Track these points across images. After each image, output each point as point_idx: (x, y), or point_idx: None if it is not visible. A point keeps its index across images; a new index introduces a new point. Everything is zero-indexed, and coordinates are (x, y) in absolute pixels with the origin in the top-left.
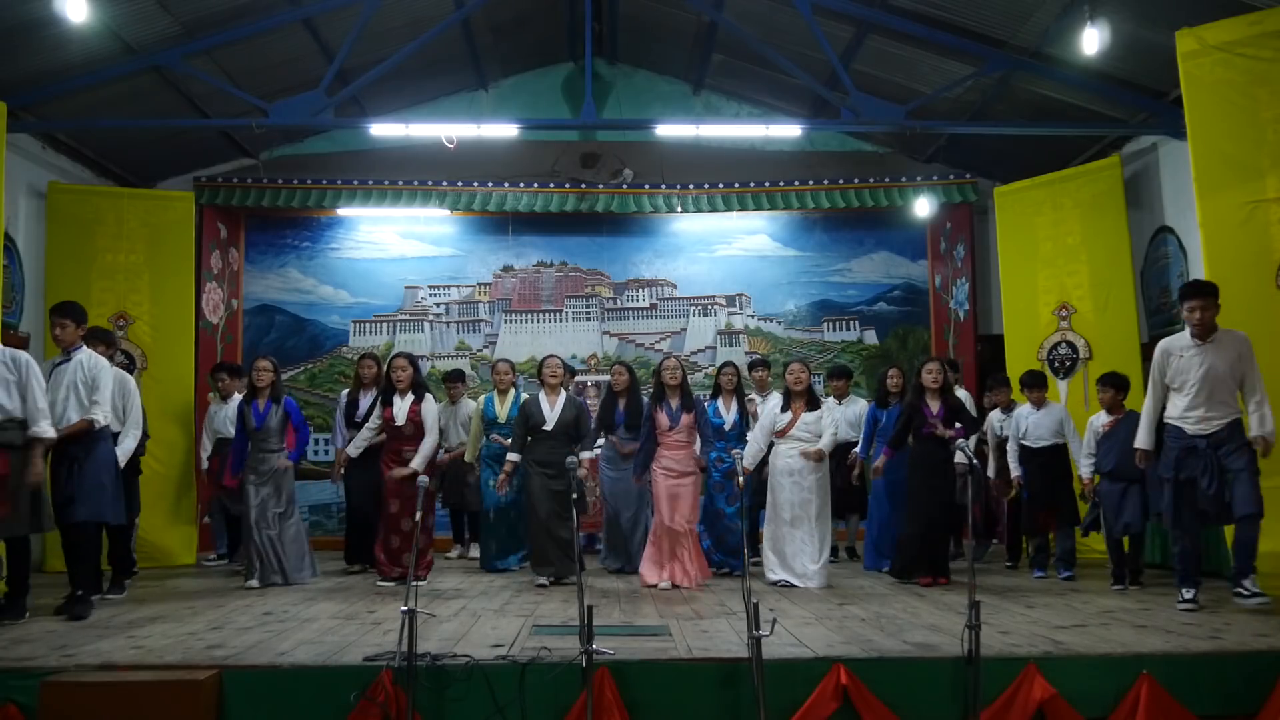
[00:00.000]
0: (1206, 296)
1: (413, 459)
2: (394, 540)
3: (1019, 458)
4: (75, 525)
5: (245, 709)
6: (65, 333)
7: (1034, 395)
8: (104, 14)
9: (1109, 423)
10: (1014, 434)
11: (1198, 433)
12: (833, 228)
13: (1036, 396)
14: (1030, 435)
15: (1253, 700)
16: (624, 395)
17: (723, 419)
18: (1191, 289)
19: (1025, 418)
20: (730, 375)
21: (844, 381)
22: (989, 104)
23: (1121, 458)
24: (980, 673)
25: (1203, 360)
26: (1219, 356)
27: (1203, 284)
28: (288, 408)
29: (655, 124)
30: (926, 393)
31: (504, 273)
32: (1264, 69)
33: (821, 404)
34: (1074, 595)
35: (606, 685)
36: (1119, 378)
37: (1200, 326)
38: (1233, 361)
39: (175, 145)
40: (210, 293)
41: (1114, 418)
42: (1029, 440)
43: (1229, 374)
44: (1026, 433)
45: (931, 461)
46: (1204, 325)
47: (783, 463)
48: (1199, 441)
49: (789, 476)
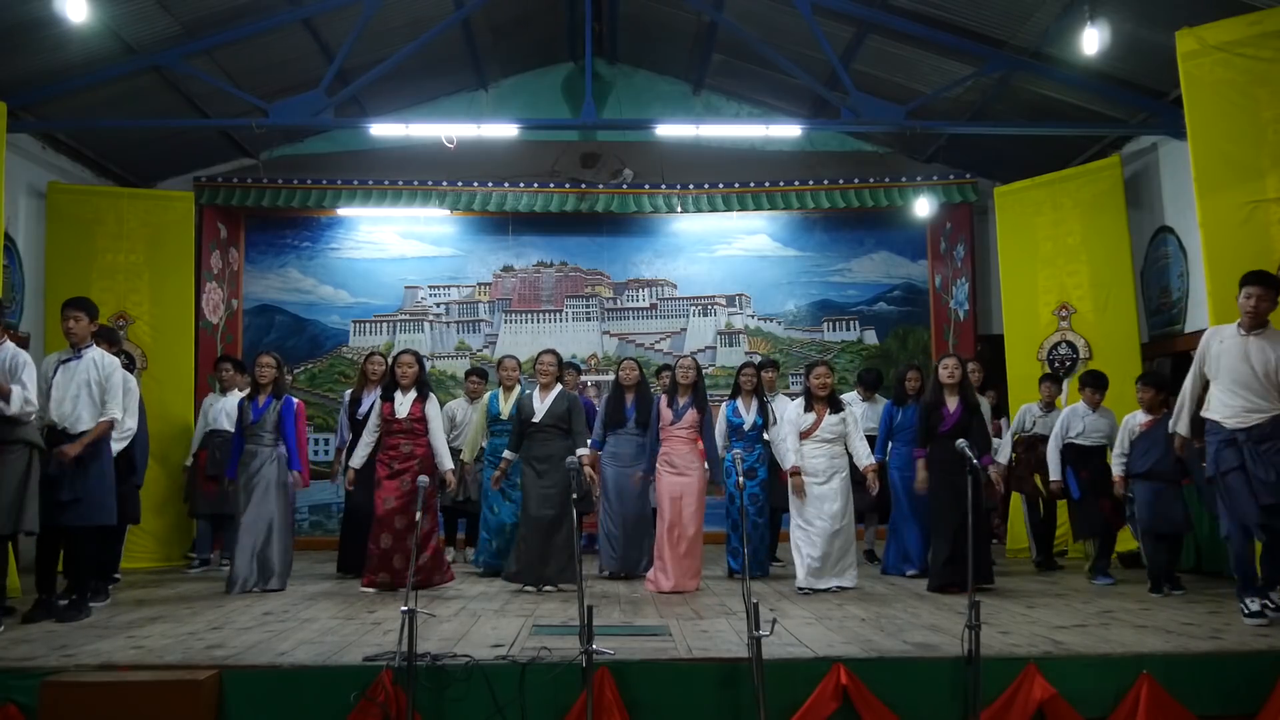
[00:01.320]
0: (1266, 286)
1: (411, 452)
2: (384, 540)
3: (1068, 457)
4: (77, 527)
5: (245, 709)
6: (79, 326)
7: (1094, 396)
8: (104, 14)
9: (1147, 422)
10: (1060, 433)
11: (1236, 426)
12: (833, 228)
13: (1096, 398)
14: (1086, 435)
15: (1253, 700)
16: (633, 390)
17: (742, 419)
18: (1253, 276)
19: (1082, 418)
20: (750, 376)
21: (873, 391)
22: (989, 104)
23: (1159, 458)
24: (980, 673)
25: (1243, 351)
26: (1262, 350)
27: (1267, 274)
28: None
29: (655, 124)
30: (945, 390)
31: (504, 273)
32: (1264, 69)
33: (843, 406)
34: (1074, 595)
35: (606, 685)
36: (1161, 377)
37: (1252, 316)
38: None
39: (175, 145)
40: (210, 293)
41: (1153, 418)
42: (1085, 439)
43: (1270, 369)
44: (1083, 432)
45: (951, 460)
46: (1257, 315)
47: (805, 464)
48: (1238, 435)
49: (811, 478)
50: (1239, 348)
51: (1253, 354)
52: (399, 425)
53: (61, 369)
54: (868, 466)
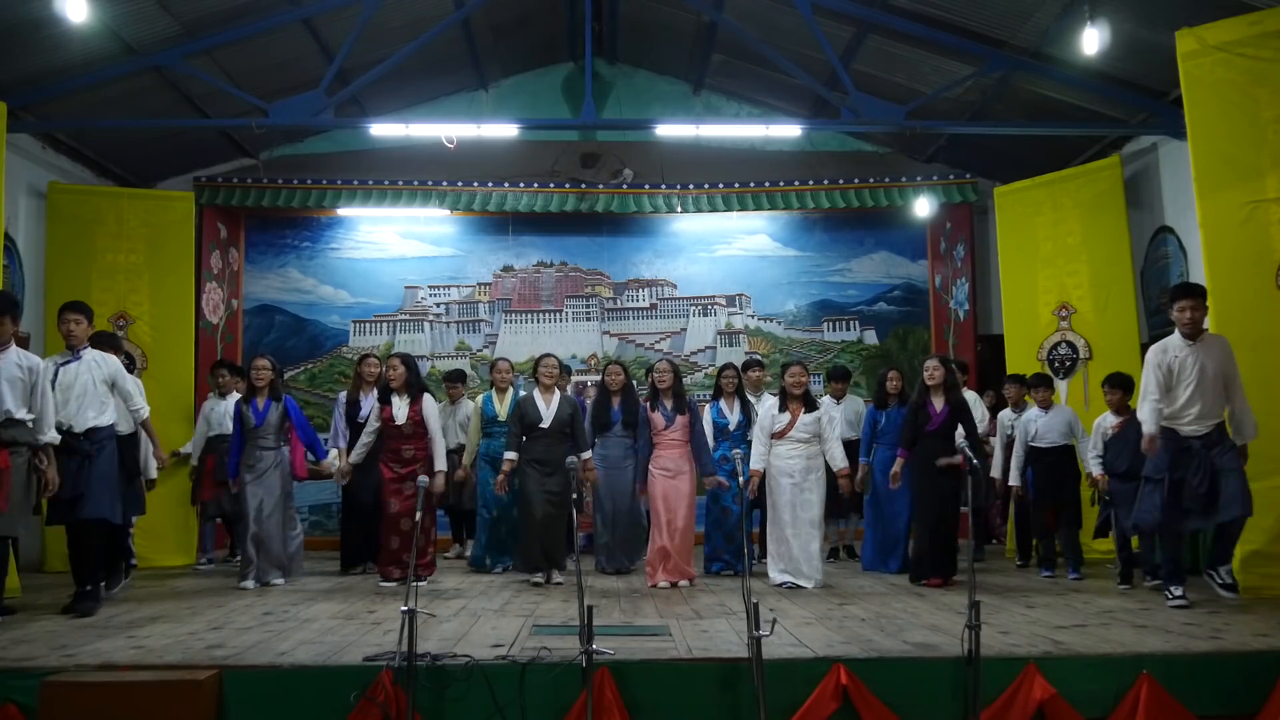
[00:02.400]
0: (1197, 297)
1: (413, 456)
2: (394, 541)
3: (1026, 459)
4: (84, 522)
5: (245, 709)
6: (78, 328)
7: (1040, 395)
8: (104, 14)
9: (1118, 424)
10: (1021, 437)
11: (1192, 433)
12: (833, 228)
13: (1043, 397)
14: (1040, 436)
15: (1253, 700)
16: (619, 394)
17: (726, 419)
18: (1182, 290)
19: (1034, 420)
20: (730, 377)
21: (844, 384)
22: (989, 104)
23: (1134, 458)
24: (980, 673)
25: (1196, 360)
26: (1209, 357)
27: (1193, 285)
28: (287, 406)
29: (655, 124)
30: (930, 390)
31: (504, 273)
32: (1264, 69)
33: (818, 405)
34: (1074, 595)
35: (606, 685)
36: (1125, 378)
37: (1190, 326)
38: (1221, 362)
39: (175, 145)
40: (210, 293)
41: (1122, 418)
42: (1038, 441)
43: (1218, 374)
44: (1036, 434)
45: (935, 459)
46: (1194, 325)
47: (780, 464)
48: (1193, 442)
49: (788, 478)
50: (1192, 357)
51: (1205, 360)
52: (400, 430)
53: (61, 371)
54: (841, 470)
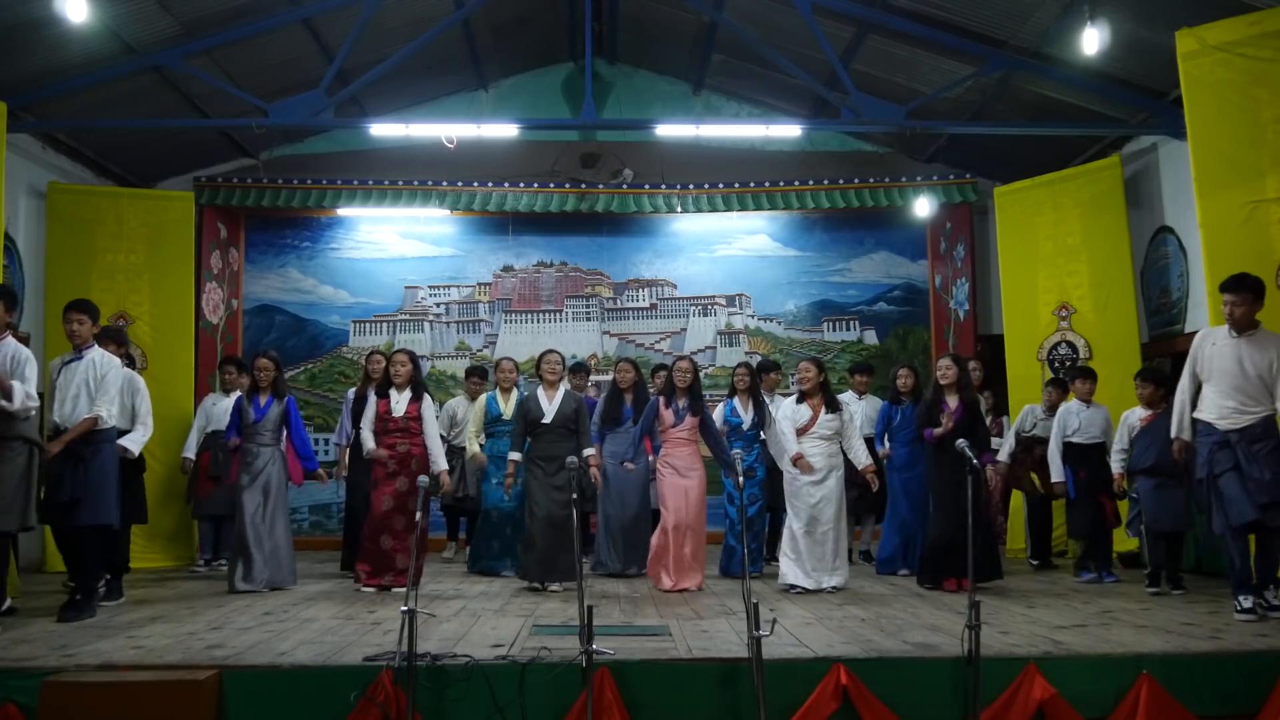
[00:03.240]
0: (1242, 292)
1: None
2: (385, 540)
3: (1066, 456)
4: (81, 528)
5: (245, 709)
6: (82, 328)
7: (1084, 388)
8: (104, 14)
9: (1147, 417)
10: (1059, 433)
11: (1229, 428)
12: (833, 228)
13: (1086, 389)
14: (1082, 430)
15: (1253, 700)
16: (630, 391)
17: (740, 418)
18: (1230, 283)
19: (1075, 413)
20: (743, 375)
21: (865, 377)
22: (989, 104)
23: (1161, 453)
24: (980, 673)
25: (1234, 353)
26: (1252, 352)
27: (1242, 279)
28: (288, 407)
29: (655, 124)
30: (944, 390)
31: (504, 273)
32: (1264, 69)
33: (840, 405)
34: (1074, 595)
35: (606, 685)
36: (1158, 373)
37: (1232, 321)
38: (1271, 359)
39: (175, 145)
40: (210, 293)
41: (1153, 412)
42: (1080, 438)
43: (1262, 371)
44: (1078, 430)
45: (953, 458)
46: (1235, 321)
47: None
48: (1231, 436)
49: (808, 477)
50: (1232, 350)
51: (1245, 356)
52: (395, 424)
53: (64, 370)
54: (866, 467)
